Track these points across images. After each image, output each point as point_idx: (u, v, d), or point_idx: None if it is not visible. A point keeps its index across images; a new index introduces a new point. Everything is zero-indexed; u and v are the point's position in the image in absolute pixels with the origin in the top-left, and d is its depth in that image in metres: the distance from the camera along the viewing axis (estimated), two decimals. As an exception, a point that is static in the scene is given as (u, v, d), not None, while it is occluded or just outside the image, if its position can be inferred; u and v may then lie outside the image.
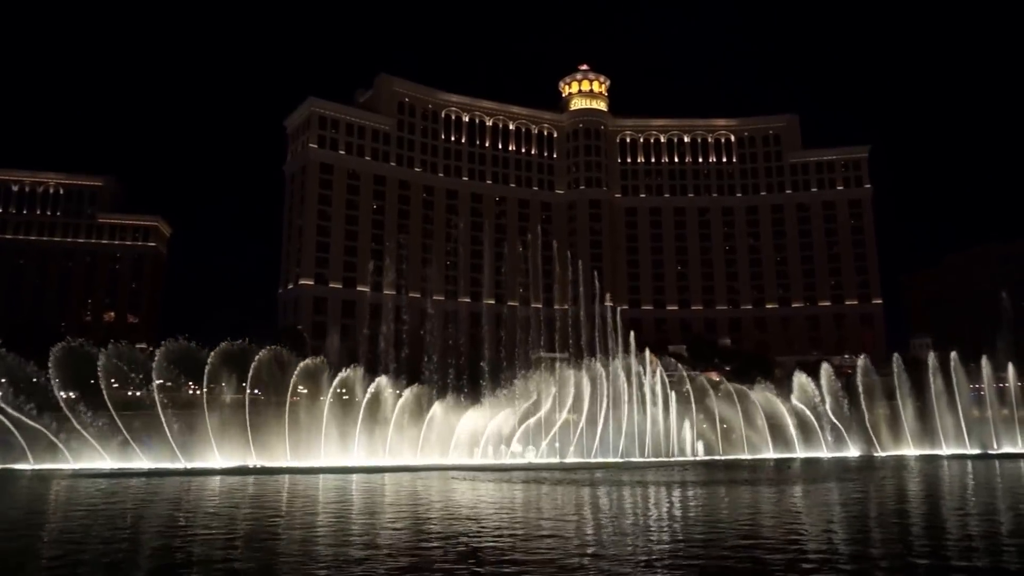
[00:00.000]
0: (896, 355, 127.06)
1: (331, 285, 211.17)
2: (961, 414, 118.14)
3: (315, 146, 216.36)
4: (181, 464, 77.71)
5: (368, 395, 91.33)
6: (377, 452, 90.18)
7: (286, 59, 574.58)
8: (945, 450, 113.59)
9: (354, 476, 68.69)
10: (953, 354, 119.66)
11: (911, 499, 47.21)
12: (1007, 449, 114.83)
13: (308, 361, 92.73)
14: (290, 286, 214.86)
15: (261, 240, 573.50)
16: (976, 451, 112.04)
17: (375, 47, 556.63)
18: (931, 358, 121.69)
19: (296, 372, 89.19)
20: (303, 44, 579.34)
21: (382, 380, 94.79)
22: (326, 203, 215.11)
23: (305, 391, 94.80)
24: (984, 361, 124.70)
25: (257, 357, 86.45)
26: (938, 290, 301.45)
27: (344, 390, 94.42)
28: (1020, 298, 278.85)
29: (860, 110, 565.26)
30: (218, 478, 66.72)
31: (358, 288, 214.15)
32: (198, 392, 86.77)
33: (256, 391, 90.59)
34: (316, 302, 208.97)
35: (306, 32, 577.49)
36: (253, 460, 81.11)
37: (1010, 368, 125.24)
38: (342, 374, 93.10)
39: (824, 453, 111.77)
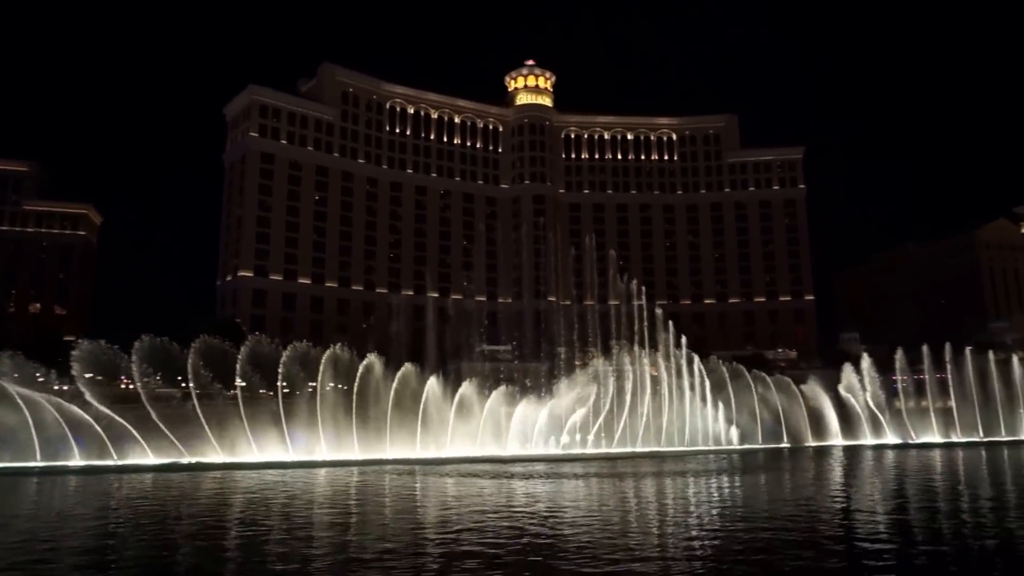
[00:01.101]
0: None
1: (272, 277, 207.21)
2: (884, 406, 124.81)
3: (256, 135, 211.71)
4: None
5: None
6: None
7: (226, 45, 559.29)
8: (870, 440, 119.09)
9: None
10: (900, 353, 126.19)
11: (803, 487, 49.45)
12: (926, 439, 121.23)
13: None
14: (229, 278, 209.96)
15: (198, 230, 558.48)
16: (896, 441, 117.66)
17: (319, 36, 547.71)
18: (865, 356, 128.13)
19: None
20: (245, 30, 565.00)
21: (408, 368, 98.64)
22: (266, 193, 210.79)
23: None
24: (899, 354, 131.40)
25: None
26: (865, 287, 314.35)
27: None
28: (936, 295, 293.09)
29: (796, 111, 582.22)
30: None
31: (299, 280, 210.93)
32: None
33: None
34: (256, 294, 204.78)
35: (248, 18, 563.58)
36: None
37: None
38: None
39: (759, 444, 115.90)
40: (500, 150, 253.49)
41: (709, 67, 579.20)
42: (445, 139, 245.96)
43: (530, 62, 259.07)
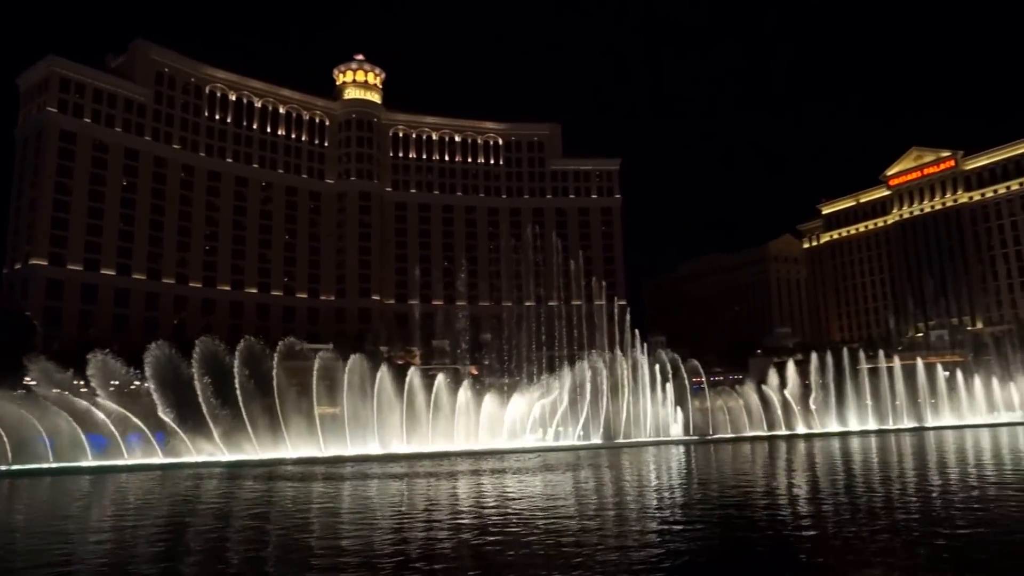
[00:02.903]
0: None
1: (69, 267, 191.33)
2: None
3: (54, 110, 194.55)
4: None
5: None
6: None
7: (23, 9, 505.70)
8: (673, 436, 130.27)
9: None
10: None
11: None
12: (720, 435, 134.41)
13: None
14: (18, 266, 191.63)
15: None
16: (696, 437, 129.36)
17: (130, 9, 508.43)
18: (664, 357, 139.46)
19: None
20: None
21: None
22: (66, 175, 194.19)
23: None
24: (694, 362, 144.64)
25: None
26: (672, 293, 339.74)
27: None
28: (735, 301, 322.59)
29: (615, 124, 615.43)
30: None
31: (102, 271, 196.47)
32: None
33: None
34: (50, 285, 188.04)
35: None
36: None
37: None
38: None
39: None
40: (326, 144, 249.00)
41: (536, 75, 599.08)
42: (269, 129, 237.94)
43: (359, 57, 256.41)
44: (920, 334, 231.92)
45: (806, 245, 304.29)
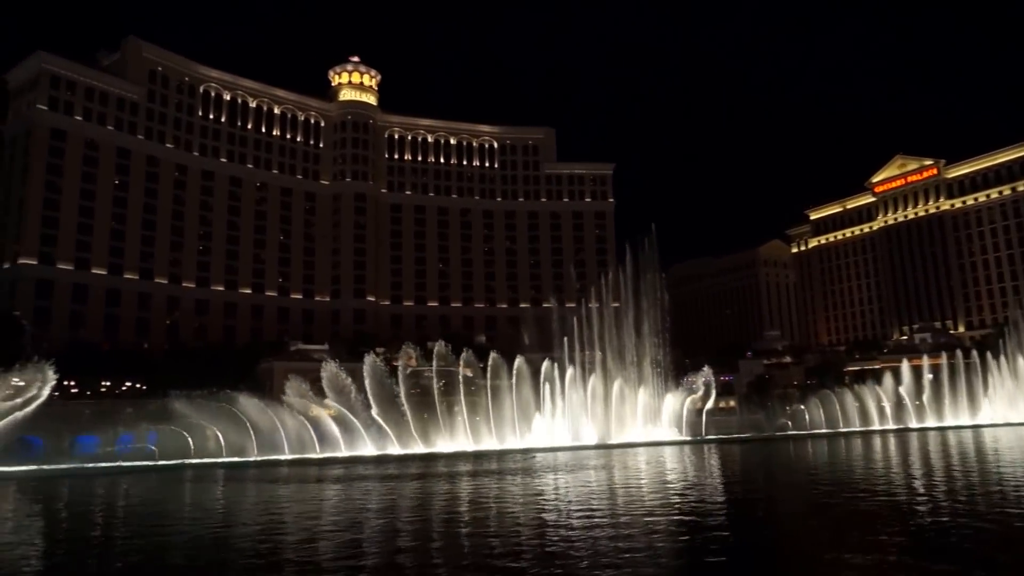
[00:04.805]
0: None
1: (60, 266, 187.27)
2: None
3: (44, 108, 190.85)
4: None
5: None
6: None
7: (12, 5, 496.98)
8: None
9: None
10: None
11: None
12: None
13: None
14: (6, 265, 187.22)
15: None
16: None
17: (125, 6, 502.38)
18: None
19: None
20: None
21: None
22: (56, 173, 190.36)
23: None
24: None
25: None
26: (663, 296, 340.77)
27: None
28: (725, 305, 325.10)
29: (610, 130, 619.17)
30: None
31: (93, 271, 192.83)
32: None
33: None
34: (40, 285, 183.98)
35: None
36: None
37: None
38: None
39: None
40: (321, 145, 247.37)
41: (533, 80, 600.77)
42: (264, 129, 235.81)
43: (355, 58, 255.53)
44: (904, 337, 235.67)
45: (795, 250, 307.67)
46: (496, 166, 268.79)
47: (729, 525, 30.86)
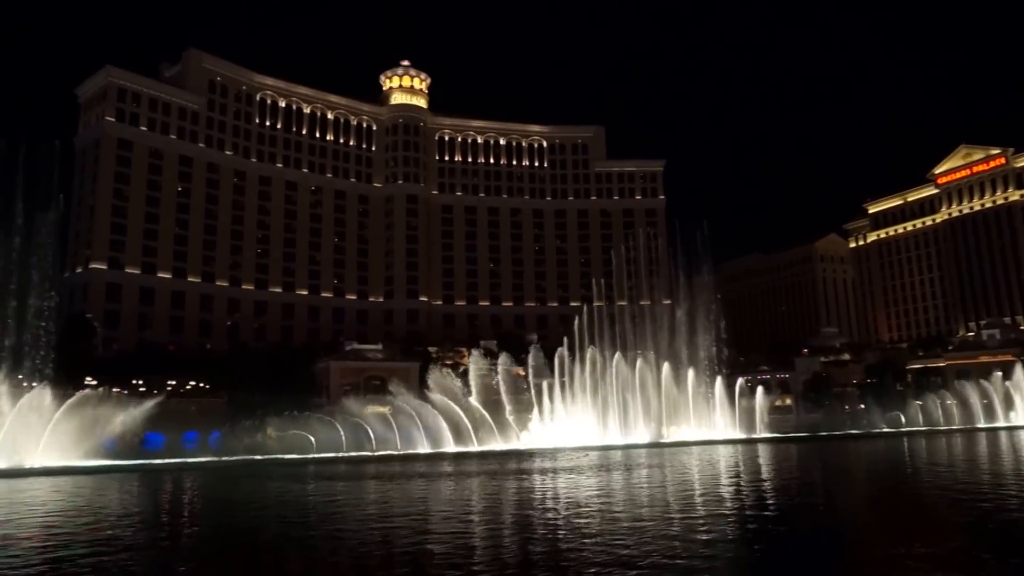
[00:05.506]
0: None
1: (127, 270, 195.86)
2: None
3: (112, 119, 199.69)
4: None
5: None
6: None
7: (81, 22, 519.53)
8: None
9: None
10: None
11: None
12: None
13: None
14: (79, 270, 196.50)
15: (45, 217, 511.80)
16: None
17: (184, 19, 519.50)
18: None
19: None
20: (101, 7, 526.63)
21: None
22: (123, 181, 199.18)
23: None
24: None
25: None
26: (716, 293, 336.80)
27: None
28: (779, 301, 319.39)
29: (660, 126, 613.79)
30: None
31: (159, 275, 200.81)
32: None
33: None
34: (109, 288, 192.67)
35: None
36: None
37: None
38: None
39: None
40: (373, 148, 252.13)
41: (581, 78, 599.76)
42: (317, 134, 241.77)
43: (405, 62, 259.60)
44: (971, 333, 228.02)
45: (853, 244, 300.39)
46: (546, 165, 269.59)
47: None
